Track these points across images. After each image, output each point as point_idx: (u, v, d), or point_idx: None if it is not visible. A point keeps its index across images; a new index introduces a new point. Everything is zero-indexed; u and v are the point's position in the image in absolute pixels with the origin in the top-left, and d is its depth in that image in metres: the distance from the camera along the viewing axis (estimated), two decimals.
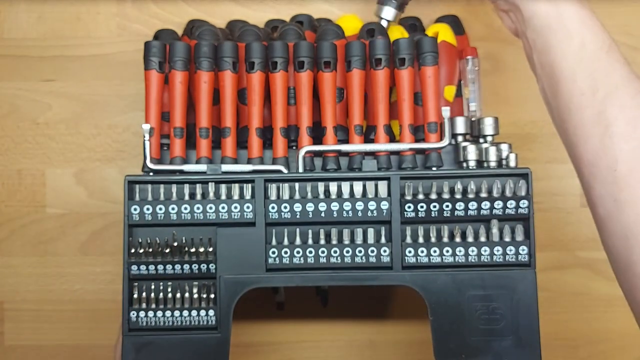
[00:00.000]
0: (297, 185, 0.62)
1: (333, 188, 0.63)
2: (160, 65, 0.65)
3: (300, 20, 0.75)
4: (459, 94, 0.71)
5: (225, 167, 0.64)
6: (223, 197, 0.62)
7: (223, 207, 0.62)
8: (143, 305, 0.62)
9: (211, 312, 0.61)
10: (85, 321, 0.80)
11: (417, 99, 0.67)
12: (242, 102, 0.67)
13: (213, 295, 0.62)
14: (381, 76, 0.65)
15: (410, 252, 0.62)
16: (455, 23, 0.75)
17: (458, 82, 0.71)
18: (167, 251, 0.62)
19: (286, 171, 0.64)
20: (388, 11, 0.70)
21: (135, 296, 0.62)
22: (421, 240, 0.62)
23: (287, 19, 0.77)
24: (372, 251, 0.62)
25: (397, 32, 0.71)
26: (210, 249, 0.62)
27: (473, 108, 0.70)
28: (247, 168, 0.64)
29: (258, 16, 0.80)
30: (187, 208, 0.62)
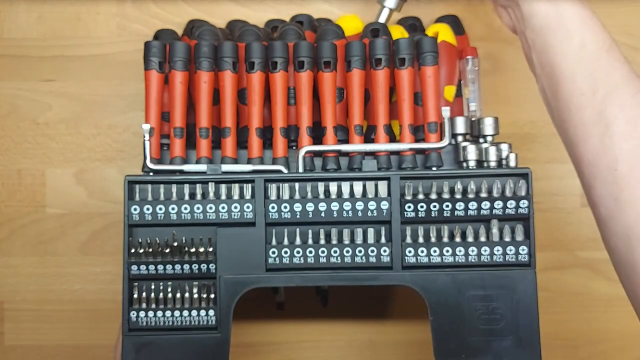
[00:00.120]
0: (297, 185, 0.62)
1: (333, 188, 0.63)
2: (160, 65, 0.65)
3: (300, 20, 0.75)
4: (459, 94, 0.71)
5: (225, 167, 0.64)
6: (223, 197, 0.62)
7: (223, 207, 0.62)
8: (143, 305, 0.62)
9: (211, 312, 0.61)
10: (85, 321, 0.80)
11: (417, 99, 0.67)
12: (242, 102, 0.67)
13: (213, 295, 0.62)
14: (381, 76, 0.65)
15: (410, 252, 0.62)
16: (455, 23, 0.75)
17: (458, 82, 0.71)
18: (167, 251, 0.62)
19: (286, 171, 0.64)
20: None
21: (135, 296, 0.62)
22: (421, 240, 0.62)
23: (287, 19, 0.77)
24: (372, 251, 0.62)
25: (397, 32, 0.71)
26: (210, 249, 0.62)
27: (473, 108, 0.70)
28: (247, 168, 0.64)
29: (258, 16, 0.80)
30: (187, 208, 0.62)
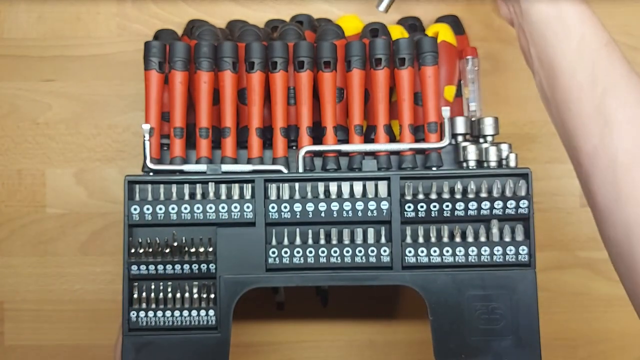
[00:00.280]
0: (297, 185, 0.62)
1: (333, 188, 0.63)
2: (160, 65, 0.65)
3: (300, 20, 0.75)
4: (459, 94, 0.71)
5: (225, 167, 0.64)
6: (223, 197, 0.62)
7: (223, 207, 0.62)
8: (143, 305, 0.62)
9: (211, 312, 0.61)
10: (85, 321, 0.80)
11: (417, 99, 0.67)
12: (242, 102, 0.67)
13: (213, 295, 0.62)
14: (381, 76, 0.65)
15: (410, 252, 0.62)
16: (455, 23, 0.75)
17: (458, 82, 0.71)
18: (167, 251, 0.62)
19: (286, 171, 0.64)
20: None
21: (135, 296, 0.62)
22: (421, 240, 0.62)
23: (287, 19, 0.77)
24: (372, 251, 0.62)
25: (397, 32, 0.71)
26: (210, 249, 0.62)
27: (473, 108, 0.70)
28: (247, 168, 0.64)
29: (258, 16, 0.80)
30: (187, 208, 0.62)
